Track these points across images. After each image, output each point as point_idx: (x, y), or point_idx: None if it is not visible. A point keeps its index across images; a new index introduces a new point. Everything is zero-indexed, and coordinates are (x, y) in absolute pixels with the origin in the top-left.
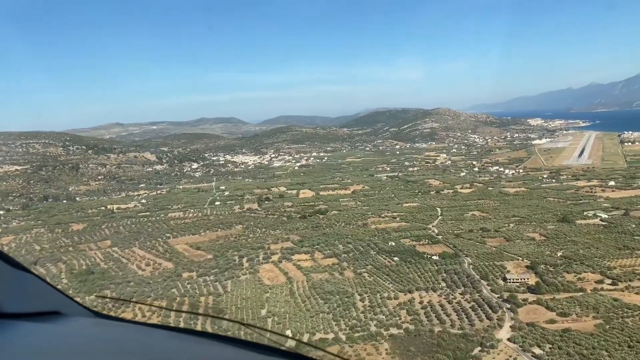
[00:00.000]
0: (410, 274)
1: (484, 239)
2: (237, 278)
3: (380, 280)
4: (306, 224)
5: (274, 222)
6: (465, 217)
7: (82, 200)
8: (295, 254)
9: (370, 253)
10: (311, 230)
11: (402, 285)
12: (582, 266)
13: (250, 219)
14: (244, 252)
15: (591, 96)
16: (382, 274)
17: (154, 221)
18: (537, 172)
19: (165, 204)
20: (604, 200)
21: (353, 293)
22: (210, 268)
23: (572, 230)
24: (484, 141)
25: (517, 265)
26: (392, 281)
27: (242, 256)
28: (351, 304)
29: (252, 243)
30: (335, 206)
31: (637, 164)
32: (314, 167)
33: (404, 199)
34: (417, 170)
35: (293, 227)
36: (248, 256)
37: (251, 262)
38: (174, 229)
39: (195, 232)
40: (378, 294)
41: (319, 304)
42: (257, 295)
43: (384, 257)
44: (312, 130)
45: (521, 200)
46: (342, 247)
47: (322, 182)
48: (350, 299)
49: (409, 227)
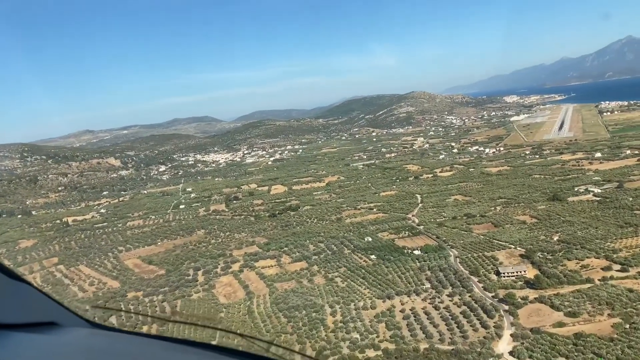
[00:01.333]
0: (389, 275)
1: (469, 226)
2: (189, 297)
3: (355, 286)
4: (275, 223)
5: (240, 223)
6: (447, 202)
7: (39, 214)
8: (259, 259)
9: (344, 252)
10: (280, 230)
11: (381, 289)
12: (583, 251)
13: (215, 222)
14: (201, 262)
15: (564, 70)
16: (357, 278)
17: (109, 232)
18: (519, 148)
19: (125, 212)
20: (593, 173)
21: (323, 305)
22: (159, 286)
23: (565, 209)
24: (461, 122)
25: (509, 254)
26: (368, 285)
27: (199, 268)
28: (319, 321)
29: (212, 251)
30: (308, 201)
31: (620, 132)
32: (288, 161)
33: (381, 187)
34: (394, 156)
35: (260, 228)
36: (205, 267)
37: (208, 274)
38: (129, 240)
39: (152, 242)
40: (352, 304)
41: (281, 323)
42: (208, 318)
43: (359, 255)
44: (286, 123)
45: (505, 179)
46: (313, 248)
47: (296, 176)
48: (319, 313)
49: (387, 219)
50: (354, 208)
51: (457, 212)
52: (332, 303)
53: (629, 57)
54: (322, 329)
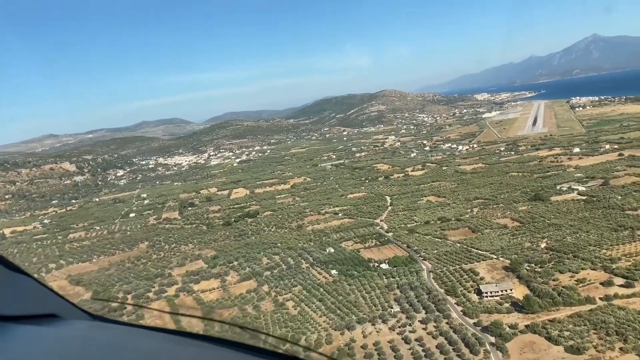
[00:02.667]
0: (351, 295)
1: (444, 232)
2: None
3: (310, 312)
4: (229, 232)
5: (190, 233)
6: (419, 204)
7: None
8: (201, 280)
9: (301, 267)
10: (232, 241)
11: (340, 316)
12: (576, 260)
13: (163, 232)
14: (134, 285)
15: (532, 68)
16: (313, 300)
17: (47, 245)
18: (493, 145)
19: (70, 222)
20: (574, 169)
21: None
22: None
23: (549, 210)
24: (433, 119)
25: (491, 267)
26: (326, 311)
27: (129, 292)
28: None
29: (150, 269)
30: (269, 205)
31: (595, 127)
32: (254, 162)
33: (349, 189)
34: (364, 156)
35: (211, 239)
36: (136, 291)
37: (137, 299)
38: (65, 255)
39: (88, 258)
40: (303, 339)
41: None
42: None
43: (318, 270)
44: (254, 124)
45: (481, 178)
46: (266, 262)
47: (260, 178)
48: None
49: (353, 225)
50: (317, 213)
51: (430, 215)
52: (277, 340)
53: (594, 55)
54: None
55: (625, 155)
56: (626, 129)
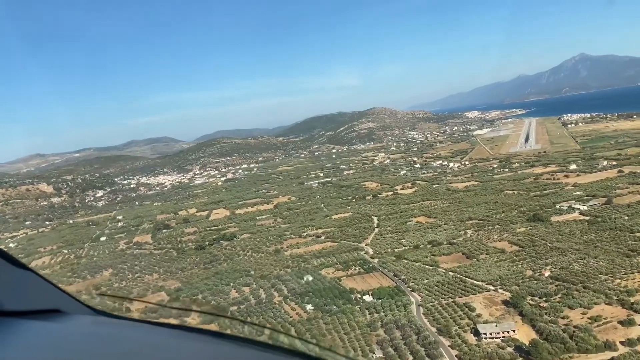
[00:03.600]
0: (327, 336)
1: (435, 257)
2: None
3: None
4: (200, 258)
5: (158, 260)
6: (408, 226)
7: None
8: (160, 317)
9: (273, 300)
10: (202, 269)
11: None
12: (587, 293)
13: (130, 258)
14: None
15: (521, 87)
16: None
17: None
18: (485, 162)
19: (38, 245)
20: (573, 187)
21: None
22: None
23: (550, 232)
24: (423, 137)
25: (489, 301)
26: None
27: None
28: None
29: (107, 302)
30: (248, 227)
31: (590, 144)
32: (240, 181)
33: (334, 209)
34: (352, 173)
35: (179, 267)
36: None
37: None
38: None
39: None
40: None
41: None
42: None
43: (292, 304)
44: (242, 141)
45: (474, 196)
46: (234, 295)
47: (244, 198)
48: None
49: (336, 249)
50: (298, 236)
51: (419, 238)
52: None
53: (582, 74)
54: None
55: (625, 172)
56: (622, 145)
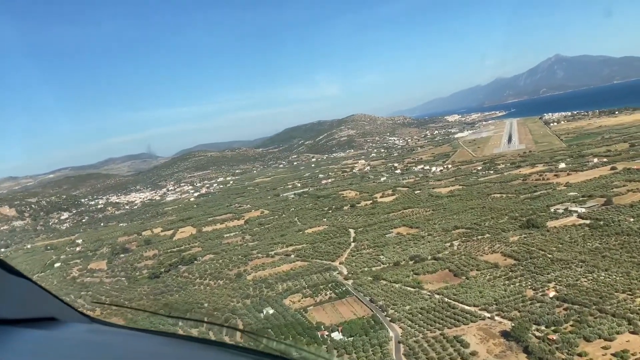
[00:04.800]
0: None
1: (417, 277)
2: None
3: None
4: (152, 287)
5: (108, 289)
6: (388, 239)
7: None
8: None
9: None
10: (151, 300)
11: None
12: (605, 318)
13: (77, 288)
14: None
15: (500, 90)
16: None
17: None
18: (469, 164)
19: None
20: (565, 187)
21: None
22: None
23: (547, 239)
24: (404, 142)
25: (485, 332)
26: None
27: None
28: None
29: None
30: (213, 247)
31: (575, 141)
32: (214, 195)
33: (309, 222)
34: (331, 182)
35: (127, 298)
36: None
37: None
38: None
39: None
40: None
41: None
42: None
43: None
44: (219, 154)
45: (459, 202)
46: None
47: (213, 214)
48: None
49: (306, 270)
50: (266, 254)
51: (400, 253)
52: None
53: (559, 75)
54: None
55: (619, 168)
56: (609, 142)
